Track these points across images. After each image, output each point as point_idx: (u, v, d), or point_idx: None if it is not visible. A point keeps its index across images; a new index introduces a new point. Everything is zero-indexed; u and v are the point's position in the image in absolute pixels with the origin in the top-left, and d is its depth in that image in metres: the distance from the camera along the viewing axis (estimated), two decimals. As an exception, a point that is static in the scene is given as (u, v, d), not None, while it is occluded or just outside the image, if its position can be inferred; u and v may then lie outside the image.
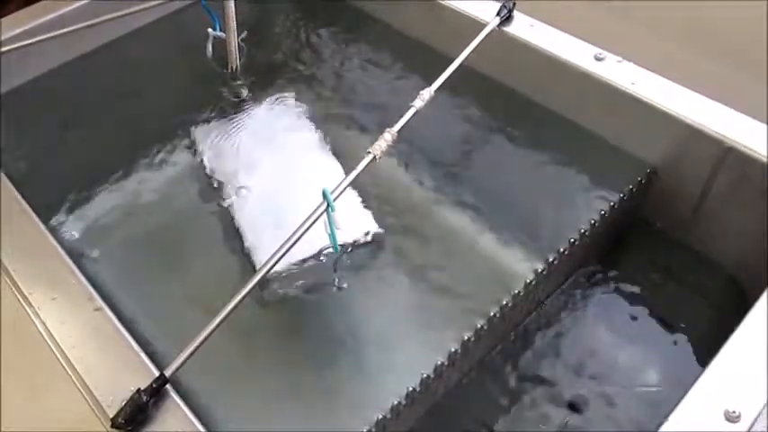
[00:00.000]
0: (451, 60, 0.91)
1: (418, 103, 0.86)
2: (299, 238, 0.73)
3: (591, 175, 0.91)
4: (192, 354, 0.64)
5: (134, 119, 1.05)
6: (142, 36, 1.15)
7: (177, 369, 0.62)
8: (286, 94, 1.08)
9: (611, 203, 0.87)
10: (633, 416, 0.86)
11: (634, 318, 0.93)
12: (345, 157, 0.98)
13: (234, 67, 1.09)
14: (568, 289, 0.95)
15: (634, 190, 0.89)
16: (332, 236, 0.81)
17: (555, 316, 0.93)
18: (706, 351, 0.86)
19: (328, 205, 0.75)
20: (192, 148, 1.02)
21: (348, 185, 0.78)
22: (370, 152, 0.80)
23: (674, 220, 0.94)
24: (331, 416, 0.70)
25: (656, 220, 0.96)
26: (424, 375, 0.72)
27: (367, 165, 0.79)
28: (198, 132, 1.03)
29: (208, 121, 1.05)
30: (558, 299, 0.94)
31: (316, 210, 0.75)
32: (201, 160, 1.00)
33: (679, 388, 0.84)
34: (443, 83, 0.88)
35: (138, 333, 0.70)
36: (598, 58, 0.93)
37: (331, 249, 0.84)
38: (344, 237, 0.85)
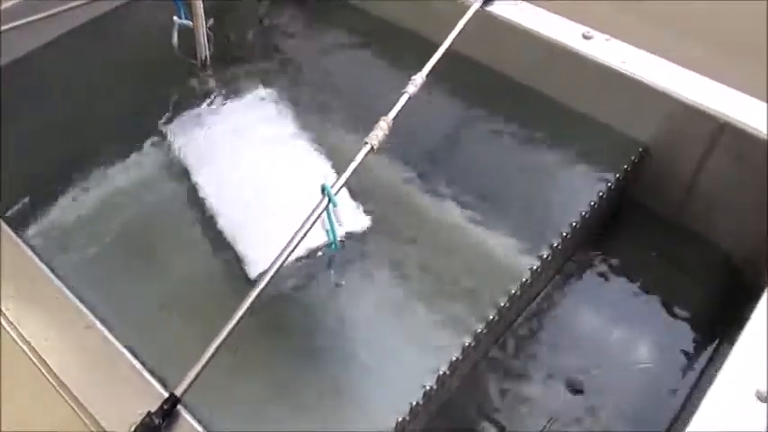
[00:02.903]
0: (435, 44, 0.88)
1: (411, 89, 0.82)
2: (303, 237, 0.69)
3: (584, 158, 0.89)
4: (200, 371, 0.59)
5: (100, 116, 0.98)
6: (100, 26, 1.07)
7: (188, 388, 0.58)
8: (259, 85, 1.03)
9: (609, 184, 0.86)
10: (631, 392, 0.85)
11: (628, 298, 0.92)
12: (325, 146, 0.94)
13: (203, 57, 1.03)
14: (563, 273, 0.94)
15: (628, 169, 0.88)
16: (332, 231, 0.77)
17: (550, 300, 0.92)
18: (702, 328, 0.88)
19: (330, 201, 0.71)
20: (166, 143, 0.96)
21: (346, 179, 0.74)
22: (366, 142, 0.77)
23: (666, 199, 0.93)
24: (348, 423, 0.66)
25: (648, 200, 0.95)
26: (441, 372, 0.70)
27: (365, 155, 0.76)
28: (171, 127, 0.97)
29: (179, 114, 0.98)
30: (553, 283, 0.93)
31: (318, 206, 0.71)
32: (177, 156, 0.94)
33: (674, 365, 0.86)
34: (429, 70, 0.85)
35: (132, 349, 0.65)
36: (586, 37, 0.92)
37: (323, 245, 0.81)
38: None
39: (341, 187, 0.73)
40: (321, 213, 0.71)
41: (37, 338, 0.62)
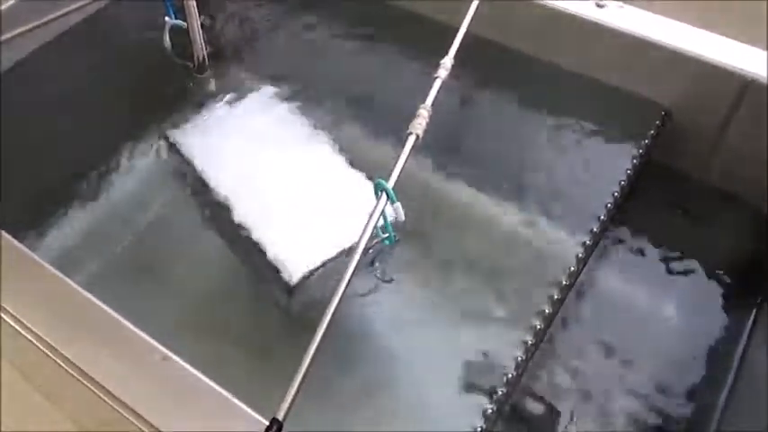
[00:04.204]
0: (441, 25, 0.85)
1: (443, 74, 0.79)
2: (369, 240, 0.66)
3: (612, 128, 0.89)
4: (297, 392, 0.56)
5: (100, 126, 0.93)
6: (89, 28, 1.00)
7: (288, 412, 0.55)
8: (267, 84, 0.98)
9: (640, 151, 0.86)
10: (667, 353, 0.86)
11: (657, 259, 0.93)
12: (343, 141, 0.91)
13: (200, 58, 0.97)
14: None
15: (654, 134, 0.89)
16: (387, 225, 0.74)
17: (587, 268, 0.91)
18: (738, 284, 0.89)
19: (389, 197, 0.69)
20: (175, 150, 0.91)
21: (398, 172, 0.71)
22: (411, 132, 0.73)
23: (689, 159, 0.94)
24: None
25: (670, 161, 0.96)
26: (519, 359, 0.69)
27: (413, 146, 0.73)
28: (177, 135, 0.92)
29: (186, 120, 0.93)
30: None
31: (378, 203, 0.68)
32: (189, 164, 0.89)
33: (713, 324, 0.87)
34: (437, 53, 0.82)
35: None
36: (599, 5, 0.91)
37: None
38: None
39: (395, 180, 0.70)
40: (382, 212, 0.67)
41: (108, 377, 0.57)
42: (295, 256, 0.80)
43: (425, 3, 1.01)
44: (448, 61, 0.81)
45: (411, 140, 0.73)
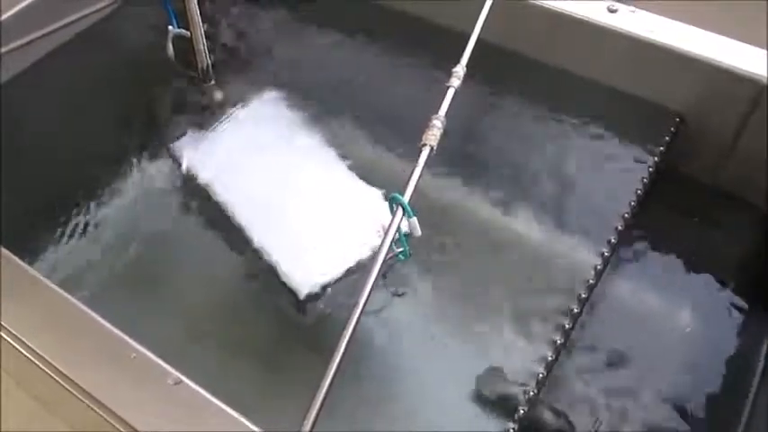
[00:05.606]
0: (450, 33, 0.84)
1: (455, 83, 0.78)
2: (387, 252, 0.64)
3: (626, 136, 0.88)
4: (321, 406, 0.54)
5: (102, 137, 0.91)
6: (89, 38, 0.98)
7: (313, 426, 0.53)
8: (271, 93, 0.96)
9: (655, 158, 0.85)
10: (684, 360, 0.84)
11: (672, 267, 0.91)
12: (349, 152, 0.89)
13: (204, 68, 0.95)
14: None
15: (669, 141, 0.87)
16: (402, 239, 0.73)
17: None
18: (752, 288, 0.87)
19: (405, 211, 0.67)
20: (177, 163, 0.89)
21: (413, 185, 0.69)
22: (425, 144, 0.72)
23: (703, 164, 0.92)
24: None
25: (683, 167, 0.94)
26: (540, 376, 0.67)
27: (427, 158, 0.71)
28: (181, 146, 0.90)
29: (191, 131, 0.91)
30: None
31: (393, 219, 0.66)
32: (193, 176, 0.87)
33: (729, 332, 0.85)
34: (445, 60, 0.80)
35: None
36: (611, 10, 0.89)
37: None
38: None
39: (410, 194, 0.68)
40: (398, 225, 0.66)
41: (120, 402, 0.55)
42: (305, 271, 0.79)
43: (434, 9, 0.99)
44: (460, 70, 0.79)
45: (425, 153, 0.71)
